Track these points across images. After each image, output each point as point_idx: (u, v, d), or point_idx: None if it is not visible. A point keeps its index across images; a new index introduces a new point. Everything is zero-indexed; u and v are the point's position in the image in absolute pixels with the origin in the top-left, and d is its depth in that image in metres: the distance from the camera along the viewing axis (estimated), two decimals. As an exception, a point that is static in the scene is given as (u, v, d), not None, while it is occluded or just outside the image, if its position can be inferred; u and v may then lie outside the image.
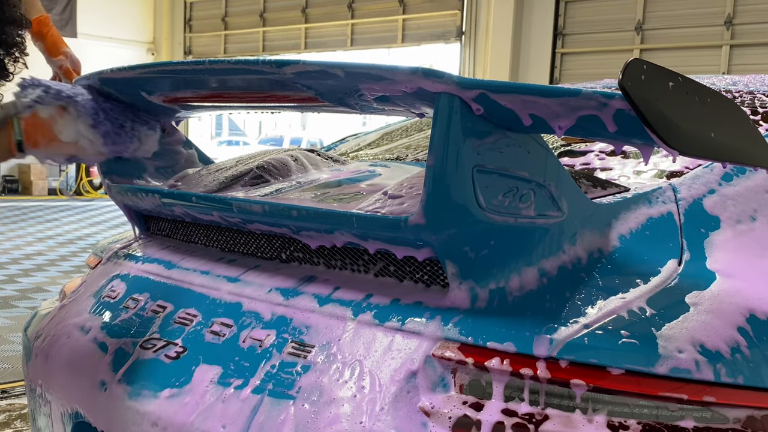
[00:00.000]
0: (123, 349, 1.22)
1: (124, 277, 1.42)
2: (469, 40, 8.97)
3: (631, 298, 0.95)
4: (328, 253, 1.18)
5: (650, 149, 0.92)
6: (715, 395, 0.86)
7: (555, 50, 8.43)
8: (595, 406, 0.85)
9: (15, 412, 2.66)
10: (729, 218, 1.15)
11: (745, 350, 0.91)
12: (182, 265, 1.34)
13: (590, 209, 1.07)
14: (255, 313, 1.13)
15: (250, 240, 1.32)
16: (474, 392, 0.90)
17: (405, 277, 1.08)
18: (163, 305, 1.27)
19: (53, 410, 1.32)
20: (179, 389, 1.09)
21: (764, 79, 1.78)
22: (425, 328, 0.96)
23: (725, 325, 0.93)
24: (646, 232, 1.09)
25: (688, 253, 1.06)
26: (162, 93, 1.31)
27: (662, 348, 0.87)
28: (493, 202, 0.97)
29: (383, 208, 1.05)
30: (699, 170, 1.22)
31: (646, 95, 0.82)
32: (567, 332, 0.89)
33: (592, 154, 1.43)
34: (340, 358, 0.99)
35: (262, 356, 1.06)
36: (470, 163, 0.95)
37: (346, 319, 1.03)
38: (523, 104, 0.92)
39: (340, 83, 1.04)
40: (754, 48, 7.32)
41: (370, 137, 2.03)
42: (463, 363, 0.91)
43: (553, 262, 1.01)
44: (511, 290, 0.98)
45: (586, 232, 1.06)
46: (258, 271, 1.23)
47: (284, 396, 0.99)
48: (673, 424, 0.85)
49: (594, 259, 1.04)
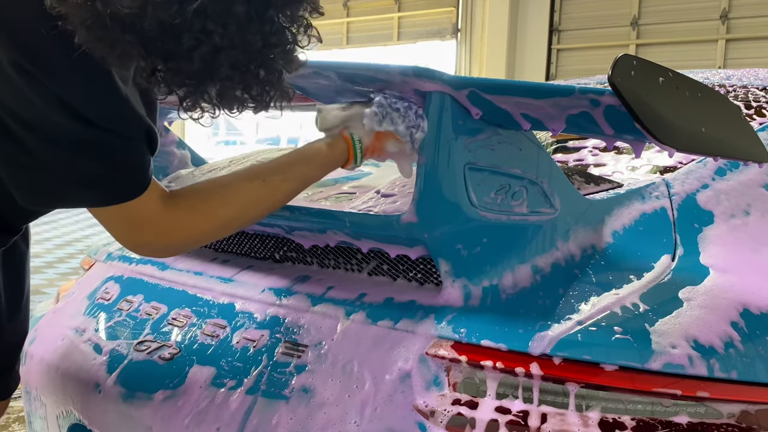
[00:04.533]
0: (117, 351, 1.22)
1: (117, 278, 1.42)
2: (465, 37, 8.96)
3: (625, 294, 0.95)
4: (321, 252, 1.18)
5: (642, 145, 0.92)
6: (709, 390, 0.86)
7: (551, 46, 8.42)
8: (589, 403, 0.85)
9: (13, 415, 2.66)
10: (722, 213, 1.15)
11: (739, 345, 0.91)
12: (175, 266, 1.33)
13: (583, 205, 1.07)
14: (248, 313, 1.13)
15: (243, 240, 1.32)
16: (468, 390, 0.89)
17: (398, 275, 1.08)
18: (157, 306, 1.26)
19: (48, 413, 1.31)
20: (173, 390, 1.08)
21: (758, 74, 1.78)
22: (419, 327, 0.95)
23: (719, 320, 0.93)
24: (640, 227, 1.09)
25: (682, 248, 1.06)
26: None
27: (656, 344, 0.87)
28: (485, 199, 0.96)
29: (376, 206, 1.05)
30: (692, 165, 1.22)
31: (636, 91, 0.81)
32: (560, 329, 0.89)
33: (585, 150, 1.43)
34: (333, 357, 0.99)
35: (256, 357, 1.06)
36: (462, 160, 0.95)
37: (340, 318, 1.03)
38: (514, 103, 0.92)
39: (332, 83, 1.04)
40: (749, 42, 7.31)
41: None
42: (457, 361, 0.90)
43: (546, 259, 1.01)
44: (505, 288, 0.98)
45: (579, 228, 1.06)
46: (251, 272, 1.22)
47: (278, 396, 0.99)
48: (668, 420, 0.85)
49: (587, 255, 1.04)
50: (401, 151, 1.02)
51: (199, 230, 0.92)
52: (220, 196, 0.93)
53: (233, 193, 0.94)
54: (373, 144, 1.02)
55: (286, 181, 0.97)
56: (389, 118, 0.99)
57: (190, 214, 0.91)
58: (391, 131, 0.99)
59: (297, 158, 1.00)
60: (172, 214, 0.90)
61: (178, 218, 0.90)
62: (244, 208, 0.95)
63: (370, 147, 1.02)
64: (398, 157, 1.04)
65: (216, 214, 0.92)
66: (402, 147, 1.01)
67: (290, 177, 0.98)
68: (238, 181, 0.95)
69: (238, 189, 0.94)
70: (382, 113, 0.99)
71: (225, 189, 0.94)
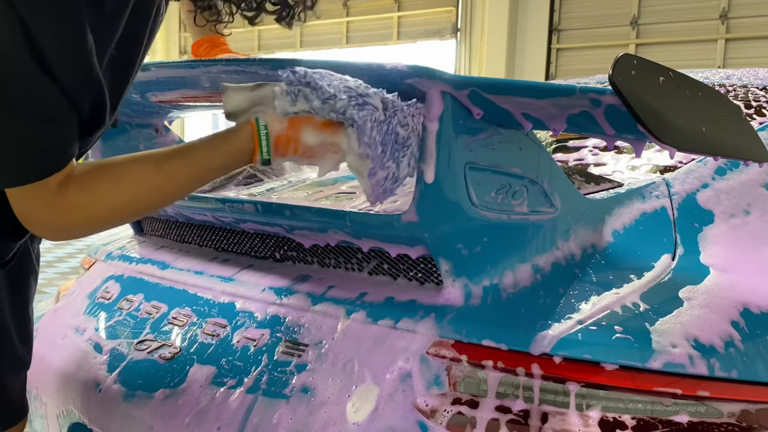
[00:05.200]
0: (117, 350, 1.22)
1: (118, 278, 1.42)
2: (464, 36, 8.96)
3: (625, 293, 0.95)
4: (321, 251, 1.18)
5: (642, 144, 0.92)
6: (709, 390, 0.86)
7: (550, 46, 8.43)
8: (590, 402, 0.85)
9: (13, 414, 2.66)
10: (723, 212, 1.15)
11: (739, 344, 0.91)
12: (176, 265, 1.33)
13: (583, 205, 1.07)
14: (249, 312, 1.13)
15: (243, 239, 1.32)
16: (468, 389, 0.89)
17: (399, 275, 1.08)
18: (157, 306, 1.26)
19: (49, 412, 1.31)
20: (174, 390, 1.08)
21: (758, 73, 1.78)
22: (419, 326, 0.95)
23: (719, 319, 0.93)
24: (640, 227, 1.09)
25: (682, 247, 1.06)
26: (154, 92, 1.31)
27: (656, 343, 0.87)
28: (485, 198, 0.96)
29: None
30: (692, 165, 1.22)
31: (636, 90, 0.81)
32: (561, 328, 0.89)
33: (586, 149, 1.43)
34: (334, 357, 0.99)
35: (256, 356, 1.06)
36: (462, 160, 0.95)
37: (340, 317, 1.03)
38: (515, 102, 0.92)
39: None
40: (749, 42, 7.32)
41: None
42: (458, 360, 0.90)
43: (547, 259, 1.01)
44: (505, 287, 0.98)
45: (580, 227, 1.06)
46: (252, 271, 1.22)
47: (278, 396, 0.99)
48: (668, 419, 0.85)
49: (587, 254, 1.04)
50: (322, 144, 0.85)
51: (88, 212, 0.83)
52: (111, 178, 0.84)
53: (124, 175, 0.85)
54: (287, 134, 0.86)
55: (184, 167, 0.87)
56: (303, 96, 0.81)
57: (78, 194, 0.82)
58: (307, 112, 0.82)
59: (199, 144, 0.89)
60: (63, 192, 0.81)
61: (68, 197, 0.81)
62: (136, 192, 0.85)
63: (282, 136, 0.87)
64: (320, 152, 0.86)
65: (105, 197, 0.83)
66: (324, 138, 0.84)
67: (190, 163, 0.87)
68: (131, 162, 0.86)
69: (130, 171, 0.85)
70: (294, 92, 0.82)
71: (115, 169, 0.85)
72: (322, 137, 0.86)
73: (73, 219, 0.83)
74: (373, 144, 0.85)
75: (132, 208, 0.86)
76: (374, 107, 0.80)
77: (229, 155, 0.88)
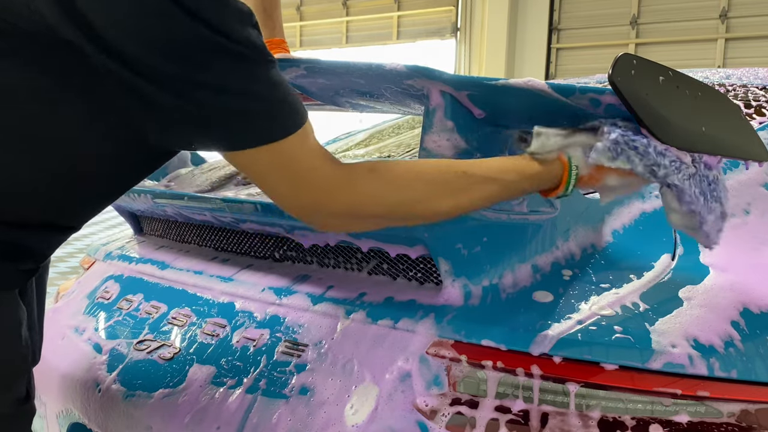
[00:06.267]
0: (117, 350, 1.22)
1: (117, 277, 1.42)
2: (464, 36, 8.97)
3: (625, 293, 0.95)
4: (321, 251, 1.18)
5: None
6: (709, 389, 0.86)
7: (550, 45, 8.43)
8: (589, 402, 0.85)
9: (12, 414, 2.66)
10: (722, 212, 1.15)
11: (739, 344, 0.91)
12: (175, 265, 1.33)
13: (583, 204, 1.07)
14: (248, 312, 1.13)
15: (243, 239, 1.32)
16: (468, 390, 0.89)
17: (398, 275, 1.08)
18: (157, 306, 1.26)
19: (48, 412, 1.31)
20: (173, 389, 1.08)
21: (758, 73, 1.78)
22: (419, 326, 0.95)
23: (719, 319, 0.93)
24: (640, 226, 1.09)
25: (682, 247, 1.06)
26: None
27: (656, 343, 0.87)
28: (485, 198, 0.96)
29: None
30: (692, 164, 1.22)
31: (636, 90, 0.81)
32: (561, 328, 0.89)
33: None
34: (333, 357, 0.99)
35: (256, 356, 1.06)
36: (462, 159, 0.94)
37: (340, 317, 1.03)
38: (514, 103, 0.92)
39: (329, 82, 1.04)
40: (749, 41, 7.33)
41: (360, 136, 2.02)
42: (457, 360, 0.90)
43: (546, 258, 1.01)
44: (505, 287, 0.98)
45: (579, 227, 1.06)
46: (251, 271, 1.22)
47: (278, 395, 0.99)
48: (668, 419, 0.85)
49: (587, 254, 1.04)
50: (621, 186, 0.91)
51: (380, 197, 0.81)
52: (410, 168, 0.83)
53: (425, 168, 0.84)
54: (591, 175, 0.91)
55: (489, 182, 0.86)
56: (625, 156, 0.87)
57: (369, 176, 0.81)
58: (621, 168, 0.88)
59: (507, 163, 0.89)
60: (344, 171, 0.80)
61: (351, 176, 0.80)
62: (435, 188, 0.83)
63: (585, 177, 0.91)
64: (609, 191, 0.93)
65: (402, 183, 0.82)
66: (623, 182, 0.90)
67: (495, 178, 0.86)
68: (431, 162, 0.87)
69: (430, 167, 0.85)
70: (617, 150, 0.87)
71: (414, 164, 0.84)
72: (624, 182, 0.91)
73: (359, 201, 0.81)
74: (695, 199, 0.90)
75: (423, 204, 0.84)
76: (686, 164, 0.86)
77: (536, 185, 0.90)
